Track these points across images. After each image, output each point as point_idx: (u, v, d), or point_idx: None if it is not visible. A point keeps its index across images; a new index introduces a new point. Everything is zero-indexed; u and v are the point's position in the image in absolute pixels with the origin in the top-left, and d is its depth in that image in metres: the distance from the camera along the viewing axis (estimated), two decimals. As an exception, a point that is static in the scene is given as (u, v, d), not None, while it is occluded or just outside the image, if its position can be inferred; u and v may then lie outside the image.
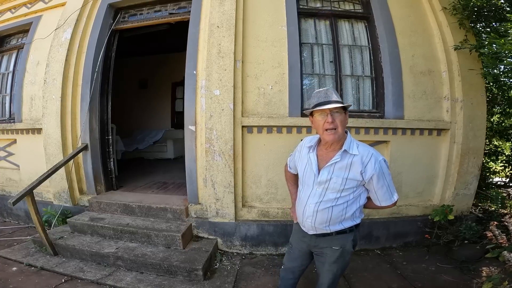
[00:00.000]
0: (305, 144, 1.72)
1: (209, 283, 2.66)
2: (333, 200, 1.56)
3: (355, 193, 1.57)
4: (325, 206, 1.57)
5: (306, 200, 1.64)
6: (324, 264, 1.70)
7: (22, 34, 4.61)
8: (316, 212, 1.59)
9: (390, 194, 1.58)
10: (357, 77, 3.56)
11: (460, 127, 3.33)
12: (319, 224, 1.61)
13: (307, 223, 1.66)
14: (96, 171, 3.89)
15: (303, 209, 1.66)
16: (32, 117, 4.10)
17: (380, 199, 1.60)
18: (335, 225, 1.60)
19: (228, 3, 3.25)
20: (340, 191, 1.54)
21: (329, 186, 1.55)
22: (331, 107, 1.46)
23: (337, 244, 1.63)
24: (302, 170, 1.70)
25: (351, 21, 3.64)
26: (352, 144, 1.54)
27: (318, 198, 1.58)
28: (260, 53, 3.29)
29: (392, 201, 1.60)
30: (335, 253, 1.64)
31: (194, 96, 3.34)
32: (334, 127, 1.47)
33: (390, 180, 1.57)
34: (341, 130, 1.49)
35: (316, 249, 1.73)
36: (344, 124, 1.52)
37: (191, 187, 3.41)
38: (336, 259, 1.65)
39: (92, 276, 2.68)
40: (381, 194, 1.57)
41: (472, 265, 2.88)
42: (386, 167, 1.54)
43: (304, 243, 1.77)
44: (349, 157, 1.52)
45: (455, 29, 3.32)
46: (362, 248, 3.35)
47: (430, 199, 3.54)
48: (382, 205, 1.63)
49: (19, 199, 2.83)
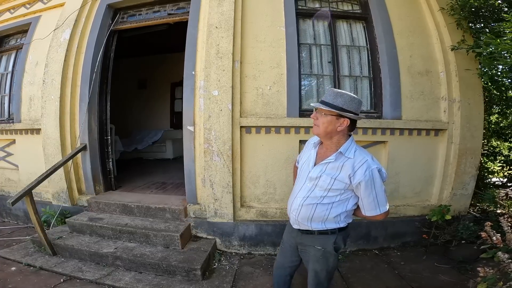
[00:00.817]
0: (312, 140, 1.80)
1: (208, 283, 2.67)
2: (319, 198, 1.59)
3: (342, 196, 1.57)
4: (310, 202, 1.61)
5: (297, 193, 1.69)
6: (308, 262, 1.74)
7: (21, 34, 4.62)
8: (301, 206, 1.63)
9: (376, 205, 1.54)
10: (355, 78, 3.57)
11: (458, 127, 3.34)
12: (302, 219, 1.64)
13: (292, 215, 1.71)
14: (95, 171, 3.90)
15: (292, 201, 1.72)
16: (31, 117, 4.11)
17: (365, 208, 1.58)
18: (316, 224, 1.62)
19: (227, 4, 3.26)
20: (327, 190, 1.57)
21: (318, 183, 1.59)
22: (316, 107, 1.58)
23: (319, 244, 1.65)
24: (301, 163, 1.77)
25: (350, 21, 3.65)
26: (350, 148, 1.56)
27: (307, 193, 1.63)
28: (258, 53, 3.30)
29: (377, 213, 1.56)
30: (317, 252, 1.66)
31: (192, 96, 3.35)
32: (317, 124, 1.59)
33: (381, 192, 1.53)
34: (321, 129, 1.56)
35: (301, 247, 1.76)
36: (326, 126, 1.54)
37: (190, 187, 3.42)
38: (318, 259, 1.67)
39: (91, 276, 2.69)
40: (367, 203, 1.55)
41: (470, 265, 2.89)
42: (378, 177, 1.51)
43: (292, 238, 1.80)
44: (343, 159, 1.55)
45: (452, 30, 3.33)
46: (360, 248, 3.36)
47: (428, 199, 3.56)
48: (367, 215, 1.60)
49: (18, 199, 2.84)
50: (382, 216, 1.58)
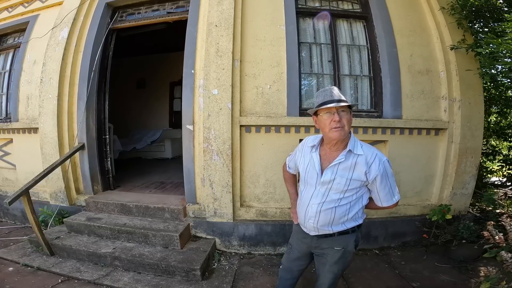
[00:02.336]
0: (307, 143, 1.69)
1: (207, 283, 2.65)
2: (336, 201, 1.54)
3: (358, 194, 1.56)
4: (328, 207, 1.55)
5: (309, 201, 1.61)
6: (325, 265, 1.68)
7: (19, 33, 4.59)
8: (319, 212, 1.57)
9: (392, 195, 1.57)
10: (356, 77, 3.56)
11: (458, 126, 3.34)
12: (322, 225, 1.58)
13: (309, 224, 1.63)
14: (93, 171, 3.87)
15: (306, 209, 1.63)
16: (28, 116, 4.08)
17: (382, 200, 1.59)
18: (337, 226, 1.58)
19: (227, 2, 3.24)
20: (344, 191, 1.52)
21: (333, 186, 1.53)
22: (339, 106, 1.45)
23: (339, 245, 1.62)
24: (304, 169, 1.67)
25: (350, 20, 3.64)
26: (356, 144, 1.53)
27: (321, 198, 1.56)
28: (258, 52, 3.28)
29: (393, 202, 1.59)
30: (337, 253, 1.62)
31: (192, 95, 3.33)
32: (341, 125, 1.45)
33: (393, 181, 1.56)
34: (347, 129, 1.48)
35: (317, 250, 1.71)
36: (350, 123, 1.50)
37: (189, 187, 3.40)
38: (337, 260, 1.63)
39: (89, 276, 2.67)
40: (383, 194, 1.56)
41: (470, 264, 2.89)
42: (389, 168, 1.53)
43: (304, 244, 1.75)
44: (354, 157, 1.50)
45: (453, 29, 3.32)
46: (360, 248, 3.31)
47: (428, 198, 3.55)
48: (384, 206, 1.62)
49: (15, 199, 2.81)
50: (394, 206, 1.63)
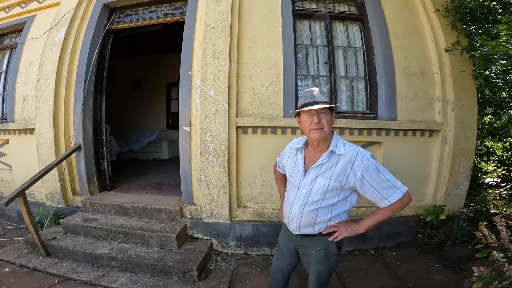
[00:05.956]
0: (293, 145, 1.70)
1: (204, 283, 2.66)
2: (317, 202, 1.54)
3: (340, 196, 1.54)
4: (310, 209, 1.55)
5: (292, 201, 1.63)
6: (310, 264, 1.69)
7: (15, 33, 4.57)
8: (301, 214, 1.58)
9: (394, 188, 1.45)
10: (351, 79, 3.59)
11: (452, 128, 3.38)
12: (304, 227, 1.60)
13: (292, 224, 1.65)
14: (90, 172, 3.86)
15: (289, 209, 1.65)
16: (24, 117, 4.06)
17: (385, 197, 1.46)
18: (319, 227, 1.59)
19: (224, 4, 3.26)
20: (324, 193, 1.51)
21: (313, 187, 1.53)
22: (317, 108, 1.44)
23: (321, 245, 1.62)
24: (289, 171, 1.69)
25: (346, 22, 3.67)
26: (338, 144, 1.51)
27: (303, 199, 1.57)
28: (255, 54, 3.30)
29: (401, 194, 1.45)
30: (319, 253, 1.63)
31: (189, 96, 3.34)
32: (321, 127, 1.46)
33: (389, 174, 1.47)
34: (327, 130, 1.47)
35: (301, 249, 1.72)
36: (331, 124, 1.50)
37: (186, 188, 3.41)
38: (320, 260, 1.63)
39: (85, 277, 2.67)
40: (382, 189, 1.45)
41: (464, 264, 2.92)
42: (375, 162, 1.47)
43: (291, 242, 1.77)
44: (336, 157, 1.50)
45: (447, 31, 3.36)
46: (356, 248, 3.37)
47: (422, 199, 3.58)
48: (392, 202, 1.46)
49: (11, 200, 2.80)
50: (407, 198, 1.47)
